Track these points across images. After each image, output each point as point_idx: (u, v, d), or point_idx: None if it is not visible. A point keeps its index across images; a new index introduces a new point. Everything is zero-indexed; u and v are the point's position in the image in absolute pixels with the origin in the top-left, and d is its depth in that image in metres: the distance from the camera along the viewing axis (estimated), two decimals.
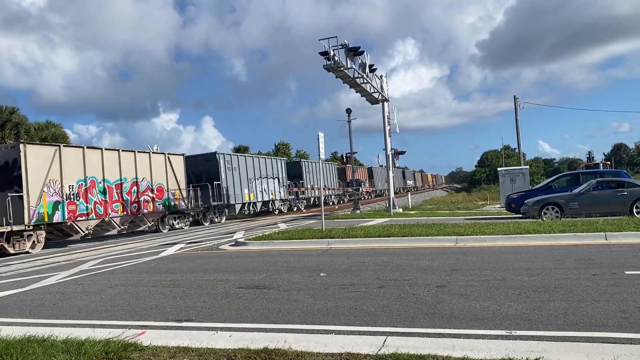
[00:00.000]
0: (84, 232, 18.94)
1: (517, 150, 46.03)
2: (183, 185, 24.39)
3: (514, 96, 36.75)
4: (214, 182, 26.54)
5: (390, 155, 28.20)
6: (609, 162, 54.25)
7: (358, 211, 28.57)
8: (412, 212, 27.26)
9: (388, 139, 27.97)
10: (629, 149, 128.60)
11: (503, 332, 4.83)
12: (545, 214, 16.54)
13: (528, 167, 30.72)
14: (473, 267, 8.59)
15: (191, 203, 24.92)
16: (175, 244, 16.25)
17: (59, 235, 18.94)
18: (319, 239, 13.27)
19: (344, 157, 32.21)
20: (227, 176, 27.43)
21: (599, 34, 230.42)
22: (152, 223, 22.74)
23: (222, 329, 5.54)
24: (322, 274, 8.62)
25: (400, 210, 27.99)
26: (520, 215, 18.06)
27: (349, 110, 29.60)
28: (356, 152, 31.76)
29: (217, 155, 27.35)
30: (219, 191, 26.66)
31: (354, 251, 11.55)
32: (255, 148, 74.33)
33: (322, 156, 16.78)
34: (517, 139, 38.16)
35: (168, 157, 23.80)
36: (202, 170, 26.82)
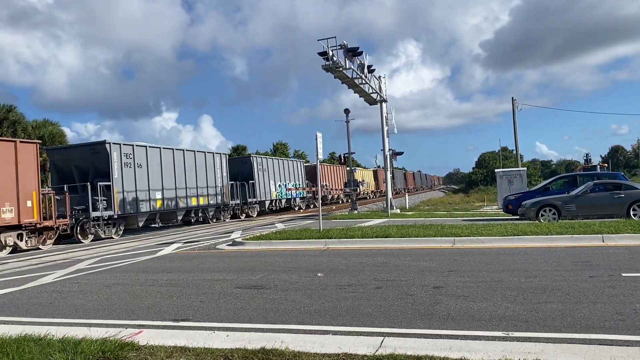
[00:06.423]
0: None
1: (514, 152, 46.10)
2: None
3: (512, 98, 36.97)
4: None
5: (388, 156, 28.17)
6: (606, 164, 54.35)
7: (356, 211, 28.53)
8: (410, 213, 27.28)
9: (386, 140, 27.96)
10: (626, 151, 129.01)
11: (500, 334, 4.84)
12: (542, 215, 16.56)
13: (525, 168, 30.74)
14: (470, 268, 8.60)
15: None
16: (171, 243, 16.22)
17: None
18: (317, 239, 13.27)
19: (342, 158, 32.16)
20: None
21: (604, 35, 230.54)
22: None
23: (219, 328, 5.53)
24: (319, 275, 8.62)
25: (398, 211, 28.00)
26: (518, 217, 18.08)
27: (347, 111, 29.56)
28: (354, 153, 31.96)
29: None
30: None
31: (352, 252, 11.54)
32: (253, 147, 74.47)
33: (320, 156, 16.74)
34: (514, 141, 38.32)
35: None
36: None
